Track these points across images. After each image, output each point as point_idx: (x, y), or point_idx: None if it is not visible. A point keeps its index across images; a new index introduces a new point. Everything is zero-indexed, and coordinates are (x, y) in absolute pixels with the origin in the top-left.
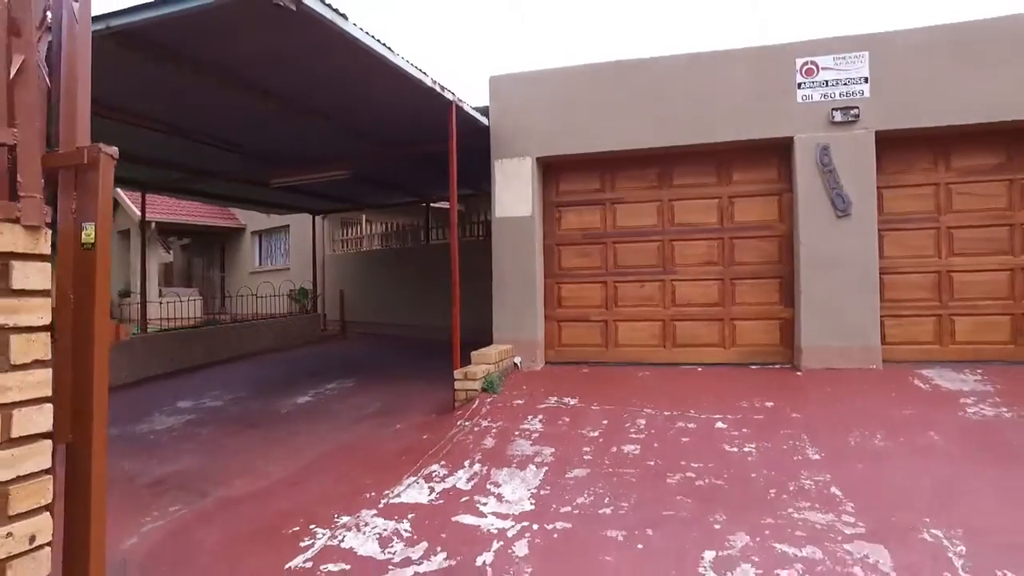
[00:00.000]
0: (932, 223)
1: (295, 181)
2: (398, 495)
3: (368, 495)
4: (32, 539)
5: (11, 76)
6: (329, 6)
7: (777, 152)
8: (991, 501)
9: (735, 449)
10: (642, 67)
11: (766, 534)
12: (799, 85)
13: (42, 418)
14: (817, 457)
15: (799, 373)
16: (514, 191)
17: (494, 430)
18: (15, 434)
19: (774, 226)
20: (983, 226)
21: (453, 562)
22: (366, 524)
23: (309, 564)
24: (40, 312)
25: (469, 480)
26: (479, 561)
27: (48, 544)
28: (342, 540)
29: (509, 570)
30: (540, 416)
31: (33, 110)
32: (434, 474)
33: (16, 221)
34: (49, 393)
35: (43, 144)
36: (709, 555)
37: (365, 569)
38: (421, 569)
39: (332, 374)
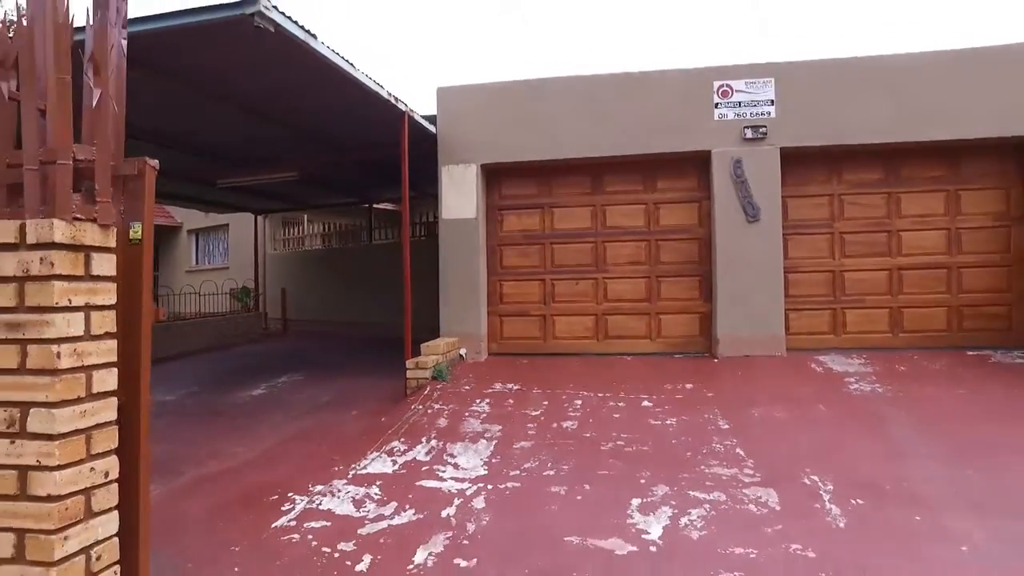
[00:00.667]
0: (827, 229)
1: (244, 182)
2: (364, 467)
3: (337, 468)
4: (107, 474)
5: (93, 106)
6: (302, 27)
7: (697, 164)
8: (857, 454)
9: (658, 422)
10: (578, 83)
11: (682, 485)
12: (716, 105)
13: (111, 379)
14: (726, 427)
15: (716, 360)
16: (460, 195)
17: (446, 412)
18: (94, 391)
19: (694, 230)
20: (868, 232)
21: (421, 516)
22: (339, 491)
23: (293, 523)
24: (110, 294)
25: (427, 453)
26: (443, 514)
27: (116, 480)
28: (319, 504)
29: (470, 519)
30: (487, 399)
31: (107, 133)
32: (395, 449)
33: (94, 220)
34: (115, 359)
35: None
36: (636, 502)
37: (344, 525)
38: (394, 522)
39: (281, 369)
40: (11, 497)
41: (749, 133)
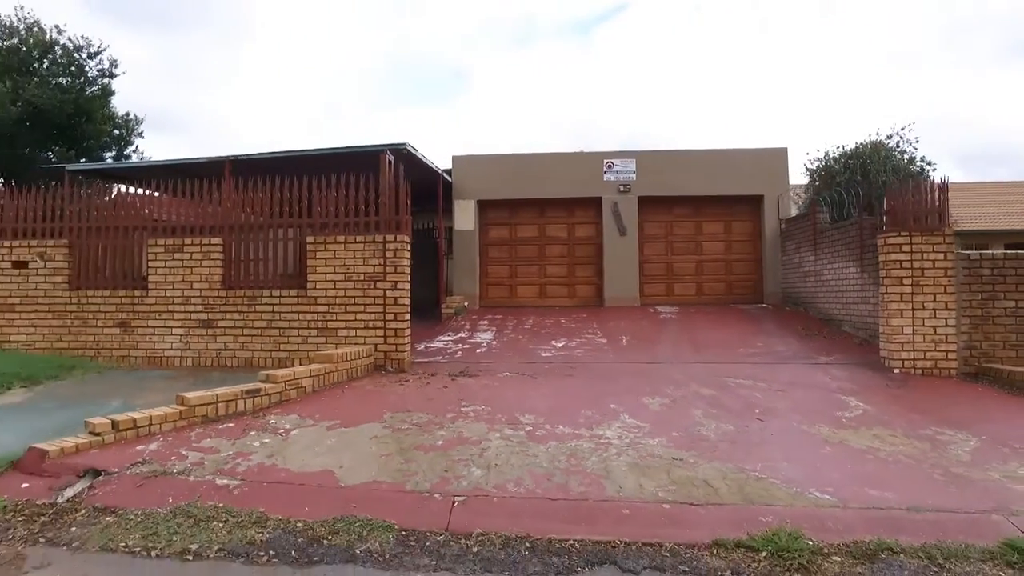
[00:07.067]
0: (665, 240)
1: None
2: (440, 338)
3: (428, 339)
4: (406, 307)
5: (407, 203)
6: (414, 147)
7: (594, 203)
8: (647, 331)
9: (567, 325)
10: (532, 157)
11: (572, 338)
12: (604, 172)
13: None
14: (596, 326)
15: (603, 308)
16: (465, 217)
17: (467, 324)
18: (407, 278)
19: (593, 239)
20: (686, 242)
21: (472, 345)
22: (435, 342)
23: (426, 347)
24: (407, 264)
25: (466, 334)
26: (482, 344)
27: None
28: (431, 344)
29: (492, 345)
30: (485, 320)
31: (407, 209)
32: (448, 334)
33: (405, 232)
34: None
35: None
36: (553, 341)
37: (445, 346)
38: (463, 347)
39: None
40: (391, 307)
41: (621, 188)
